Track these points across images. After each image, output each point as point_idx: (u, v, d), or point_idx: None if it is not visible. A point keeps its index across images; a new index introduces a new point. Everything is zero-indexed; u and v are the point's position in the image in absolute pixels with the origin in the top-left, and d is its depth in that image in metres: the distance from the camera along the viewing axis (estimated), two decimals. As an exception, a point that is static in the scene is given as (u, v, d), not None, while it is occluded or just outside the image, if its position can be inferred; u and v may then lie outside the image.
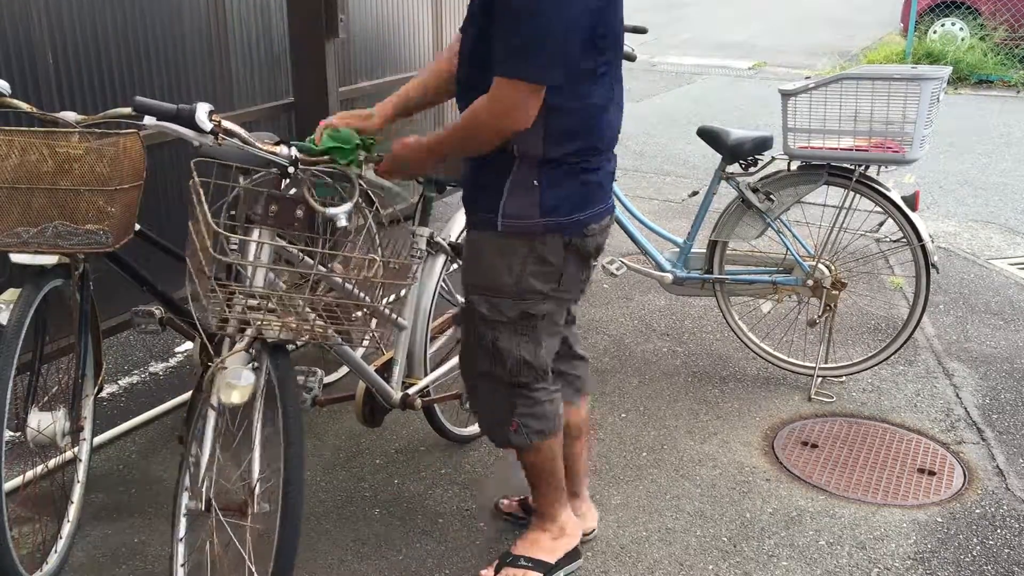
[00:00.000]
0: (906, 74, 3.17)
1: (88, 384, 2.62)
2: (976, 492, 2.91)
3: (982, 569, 2.56)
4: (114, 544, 2.61)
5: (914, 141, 3.18)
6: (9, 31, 2.85)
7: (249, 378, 2.00)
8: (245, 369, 2.01)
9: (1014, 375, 3.65)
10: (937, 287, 4.46)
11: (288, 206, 2.09)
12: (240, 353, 2.04)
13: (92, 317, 2.56)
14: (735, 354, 3.81)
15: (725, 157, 3.50)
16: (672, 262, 3.72)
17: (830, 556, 2.60)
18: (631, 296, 4.40)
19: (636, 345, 3.91)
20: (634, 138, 7.50)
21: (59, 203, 2.31)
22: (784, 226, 3.50)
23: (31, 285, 2.31)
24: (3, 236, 2.29)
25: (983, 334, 4.01)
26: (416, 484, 2.92)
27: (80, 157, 2.29)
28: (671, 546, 2.64)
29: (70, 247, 2.33)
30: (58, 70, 3.03)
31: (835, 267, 3.48)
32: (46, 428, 2.41)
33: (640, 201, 5.68)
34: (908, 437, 3.24)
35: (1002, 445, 3.17)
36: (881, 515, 2.80)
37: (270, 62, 3.99)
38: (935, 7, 10.40)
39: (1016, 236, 5.31)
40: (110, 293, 2.97)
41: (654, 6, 14.46)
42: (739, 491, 2.90)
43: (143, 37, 3.34)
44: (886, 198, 3.32)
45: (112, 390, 3.47)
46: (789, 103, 3.31)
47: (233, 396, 1.98)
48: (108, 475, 2.94)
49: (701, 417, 3.35)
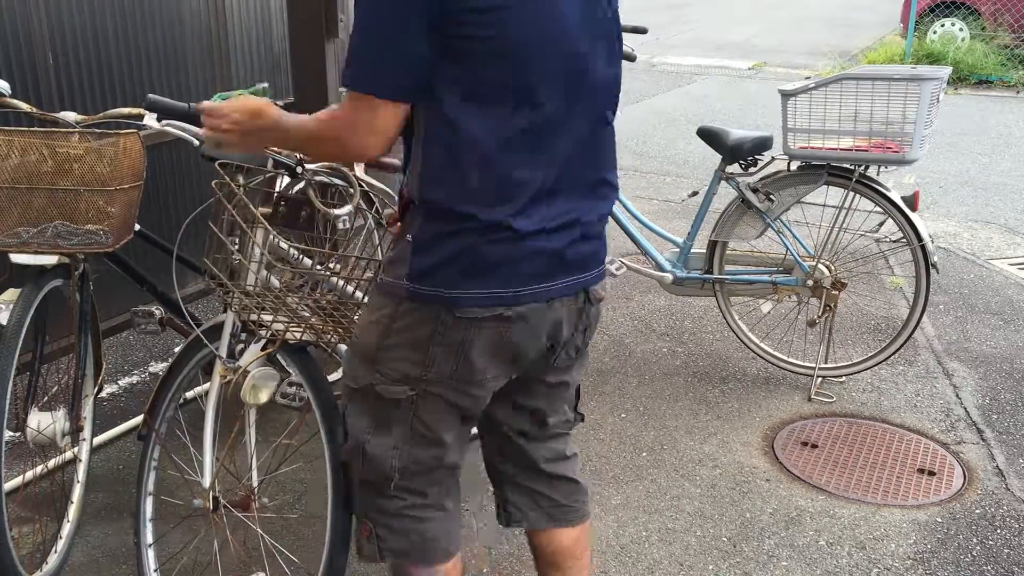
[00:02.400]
0: (906, 74, 3.17)
1: (88, 384, 2.62)
2: (976, 492, 2.91)
3: (982, 569, 2.56)
4: (114, 544, 2.61)
5: (914, 141, 3.18)
6: (9, 31, 2.85)
7: (275, 378, 2.09)
8: (270, 370, 2.10)
9: (1014, 375, 3.65)
10: (937, 287, 4.46)
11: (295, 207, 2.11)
12: (261, 356, 2.10)
13: (92, 317, 2.56)
14: (735, 354, 3.81)
15: (725, 157, 3.50)
16: (672, 262, 3.72)
17: (830, 556, 2.60)
18: (631, 296, 4.40)
19: (636, 345, 3.91)
20: (634, 138, 7.50)
21: (59, 203, 2.31)
22: (784, 226, 3.50)
23: (31, 285, 2.31)
24: (3, 236, 2.30)
25: (983, 334, 4.01)
26: (416, 484, 2.92)
27: (80, 157, 2.29)
28: (671, 546, 2.64)
29: (70, 247, 2.33)
30: (58, 70, 3.03)
31: (835, 267, 3.48)
32: (46, 428, 2.41)
33: (640, 201, 5.68)
34: (908, 437, 3.24)
35: (1002, 445, 3.17)
36: (881, 515, 2.80)
37: (270, 62, 3.99)
38: (935, 7, 10.40)
39: (1016, 236, 5.31)
40: (110, 293, 2.97)
41: (654, 6, 14.46)
42: (739, 491, 2.90)
43: (143, 37, 3.34)
44: (886, 198, 3.32)
45: (112, 390, 3.47)
46: (789, 103, 3.31)
47: (261, 396, 2.07)
48: (108, 475, 2.94)
49: (701, 417, 3.35)
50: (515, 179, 1.55)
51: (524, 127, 1.54)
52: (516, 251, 1.58)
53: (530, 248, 1.59)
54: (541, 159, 1.57)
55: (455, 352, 1.62)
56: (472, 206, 1.54)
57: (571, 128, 1.60)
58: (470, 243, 1.56)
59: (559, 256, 1.63)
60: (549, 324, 1.68)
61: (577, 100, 1.60)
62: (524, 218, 1.57)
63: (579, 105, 1.60)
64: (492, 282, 1.58)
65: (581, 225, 1.68)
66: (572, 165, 1.63)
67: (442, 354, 1.63)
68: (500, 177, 1.54)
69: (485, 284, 1.58)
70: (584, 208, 1.68)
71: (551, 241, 1.62)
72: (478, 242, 1.56)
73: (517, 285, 1.60)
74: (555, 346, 1.74)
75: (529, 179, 1.56)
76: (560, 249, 1.63)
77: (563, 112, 1.58)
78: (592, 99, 1.63)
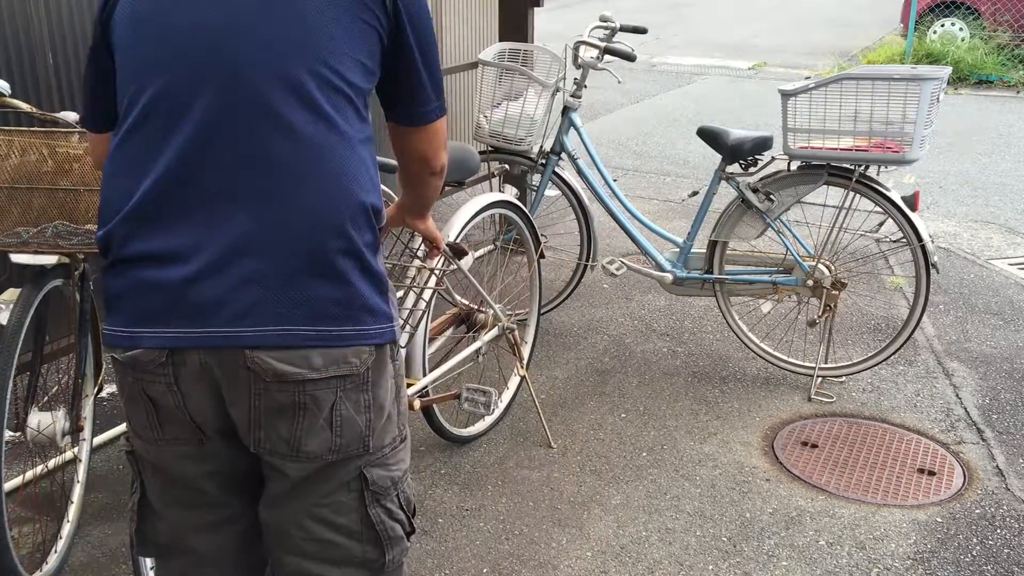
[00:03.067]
0: (906, 74, 3.17)
1: (88, 384, 2.62)
2: (976, 492, 2.91)
3: (982, 569, 2.56)
4: (114, 544, 2.61)
5: (914, 141, 3.18)
6: (9, 31, 2.85)
7: None
8: None
9: (1014, 375, 3.65)
10: (937, 287, 4.46)
11: None
12: None
13: (92, 317, 2.56)
14: (735, 354, 3.81)
15: (725, 157, 3.50)
16: (672, 262, 3.72)
17: (830, 556, 2.60)
18: (631, 296, 4.40)
19: (636, 345, 3.91)
20: (634, 138, 7.50)
21: (59, 203, 2.31)
22: (784, 226, 3.50)
23: (31, 285, 2.31)
24: (3, 236, 2.30)
25: (983, 334, 4.01)
26: (416, 484, 2.92)
27: (80, 157, 2.30)
28: (671, 546, 2.64)
29: (70, 247, 2.33)
30: (58, 70, 3.03)
31: (835, 267, 3.48)
32: (46, 428, 2.41)
33: (640, 201, 5.68)
34: (908, 437, 3.24)
35: (1002, 445, 3.17)
36: (881, 515, 2.80)
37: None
38: (935, 7, 10.39)
39: (1016, 236, 5.31)
40: (110, 293, 2.97)
41: (654, 6, 14.46)
42: (739, 491, 2.90)
43: (143, 37, 3.34)
44: (886, 198, 3.32)
45: (112, 390, 3.46)
46: (789, 103, 3.31)
47: None
48: (108, 475, 2.94)
49: (701, 417, 3.35)
50: (123, 211, 1.39)
51: (134, 151, 1.41)
52: (127, 283, 1.40)
53: (133, 278, 1.39)
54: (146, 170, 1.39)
55: (129, 396, 1.47)
56: (103, 239, 1.43)
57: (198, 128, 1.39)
58: (108, 278, 1.44)
59: (178, 293, 1.36)
60: (189, 383, 1.40)
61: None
62: (132, 241, 1.39)
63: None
64: (122, 323, 1.40)
65: (219, 259, 1.36)
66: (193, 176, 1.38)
67: (128, 399, 1.47)
68: (109, 207, 1.42)
69: (116, 321, 1.41)
70: (219, 233, 1.36)
71: (141, 271, 1.38)
72: (109, 276, 1.43)
73: (137, 325, 1.38)
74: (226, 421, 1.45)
75: (129, 194, 1.39)
76: (181, 285, 1.35)
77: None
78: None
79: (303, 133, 1.37)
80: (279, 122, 1.37)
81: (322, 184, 1.39)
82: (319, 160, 1.38)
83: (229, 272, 1.35)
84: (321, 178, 1.39)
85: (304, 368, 1.38)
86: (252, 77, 1.37)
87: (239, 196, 1.36)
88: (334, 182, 1.39)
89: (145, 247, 1.38)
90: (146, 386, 1.42)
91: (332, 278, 1.38)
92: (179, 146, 1.37)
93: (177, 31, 1.40)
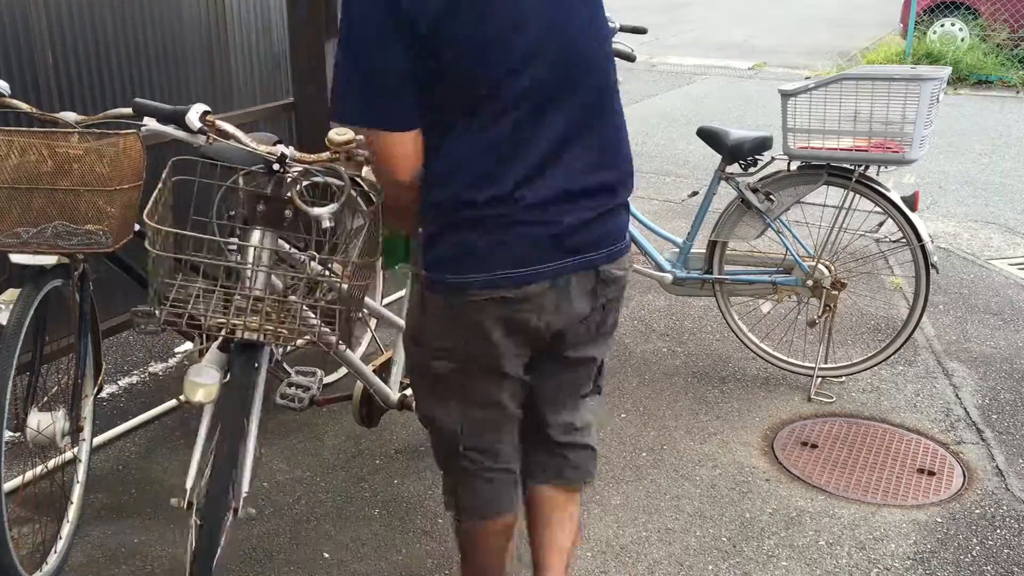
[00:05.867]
0: (906, 74, 3.17)
1: (88, 384, 2.62)
2: (976, 492, 2.91)
3: (982, 569, 2.56)
4: (114, 544, 2.61)
5: (914, 141, 3.18)
6: (9, 31, 2.85)
7: (214, 377, 1.99)
8: (210, 368, 2.00)
9: (1014, 375, 3.65)
10: (937, 287, 4.46)
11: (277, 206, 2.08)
12: (214, 353, 2.04)
13: (92, 317, 2.56)
14: (735, 354, 3.81)
15: (725, 157, 3.50)
16: (672, 262, 3.72)
17: (830, 556, 2.60)
18: (631, 296, 4.39)
19: (636, 345, 3.91)
20: (634, 138, 7.44)
21: (59, 203, 2.31)
22: (784, 226, 3.50)
23: (31, 285, 2.31)
24: (3, 236, 2.29)
25: (983, 334, 4.01)
26: (416, 484, 2.92)
27: (80, 157, 2.29)
28: (671, 546, 2.64)
29: (70, 247, 2.33)
30: (58, 70, 3.03)
31: (835, 267, 3.48)
32: (46, 428, 2.40)
33: (640, 201, 5.68)
34: (908, 437, 3.24)
35: (1002, 445, 3.17)
36: (881, 515, 2.80)
37: (270, 62, 3.99)
38: (935, 7, 10.39)
39: (1016, 236, 5.31)
40: (110, 293, 2.97)
41: (654, 6, 14.46)
42: (739, 491, 2.90)
43: (143, 37, 3.34)
44: (886, 198, 3.32)
45: (112, 390, 3.46)
46: (789, 103, 3.31)
47: (198, 394, 1.98)
48: (108, 475, 2.94)
49: (701, 417, 3.35)
50: (495, 179, 1.69)
51: (501, 132, 1.68)
52: (509, 235, 1.71)
53: (523, 231, 1.71)
54: (517, 158, 1.69)
55: (474, 332, 1.78)
56: (457, 204, 1.70)
57: (563, 109, 1.72)
58: (468, 233, 1.72)
59: (556, 237, 1.73)
60: (557, 302, 1.78)
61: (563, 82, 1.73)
62: (513, 202, 1.69)
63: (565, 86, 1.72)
64: (491, 265, 1.72)
65: (582, 203, 1.75)
66: (565, 145, 1.73)
67: (463, 334, 1.79)
68: (479, 177, 1.69)
69: (485, 268, 1.72)
70: (583, 185, 1.75)
71: (547, 222, 1.72)
72: (467, 235, 1.72)
73: (514, 267, 1.72)
74: (572, 322, 1.84)
75: (507, 177, 1.69)
76: (558, 231, 1.73)
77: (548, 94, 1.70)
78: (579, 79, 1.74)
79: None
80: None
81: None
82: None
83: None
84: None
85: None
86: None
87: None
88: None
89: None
90: (522, 312, 1.80)
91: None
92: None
93: (530, 19, 1.66)
